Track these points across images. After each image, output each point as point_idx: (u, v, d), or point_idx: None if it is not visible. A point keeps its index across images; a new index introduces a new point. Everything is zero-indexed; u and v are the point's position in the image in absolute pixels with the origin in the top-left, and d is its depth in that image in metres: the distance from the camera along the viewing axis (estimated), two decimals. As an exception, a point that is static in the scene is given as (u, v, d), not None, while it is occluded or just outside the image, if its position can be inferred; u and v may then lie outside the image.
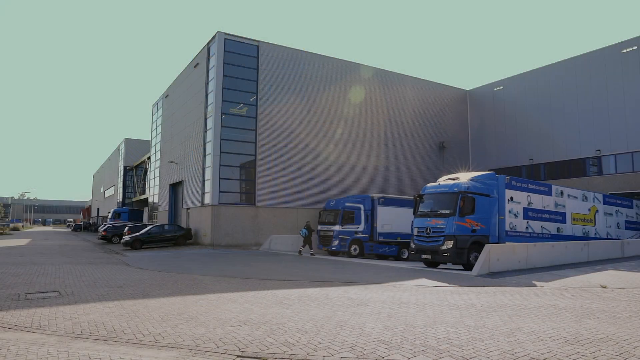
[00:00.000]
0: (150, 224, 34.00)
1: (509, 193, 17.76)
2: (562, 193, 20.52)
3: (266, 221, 30.38)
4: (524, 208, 18.40)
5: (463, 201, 16.42)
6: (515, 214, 17.96)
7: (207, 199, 30.29)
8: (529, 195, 18.77)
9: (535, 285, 11.66)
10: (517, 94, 38.17)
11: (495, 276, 13.51)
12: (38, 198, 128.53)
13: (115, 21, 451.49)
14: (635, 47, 30.48)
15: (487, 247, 14.66)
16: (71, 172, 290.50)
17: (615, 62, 31.57)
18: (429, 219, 17.32)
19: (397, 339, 6.24)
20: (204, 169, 31.43)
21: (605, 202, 23.47)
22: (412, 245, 17.85)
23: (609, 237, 22.91)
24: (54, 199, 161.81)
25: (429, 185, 18.83)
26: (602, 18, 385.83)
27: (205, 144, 31.60)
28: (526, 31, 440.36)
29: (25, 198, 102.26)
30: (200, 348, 5.89)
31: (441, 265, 17.50)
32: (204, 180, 31.29)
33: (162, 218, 41.34)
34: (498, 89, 39.99)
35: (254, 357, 5.51)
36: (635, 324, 7.23)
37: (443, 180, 18.51)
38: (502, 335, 6.45)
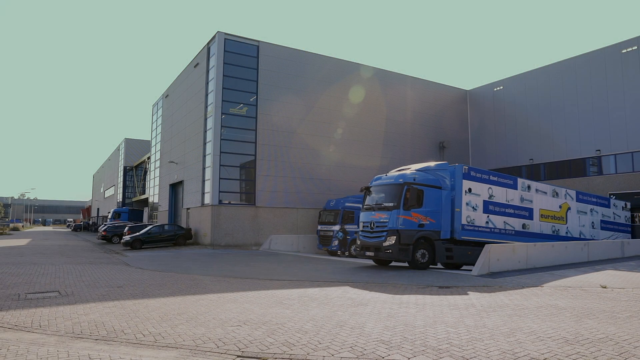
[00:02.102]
0: (150, 224, 34.00)
1: (466, 184, 16.39)
2: (529, 187, 19.13)
3: (266, 221, 30.38)
4: (484, 201, 17.03)
5: (408, 193, 15.18)
6: (473, 207, 16.58)
7: (207, 199, 30.29)
8: (490, 188, 17.34)
9: (535, 285, 11.65)
10: (517, 94, 38.17)
11: (495, 276, 13.50)
12: (38, 198, 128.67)
13: (115, 21, 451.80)
14: (635, 47, 30.47)
15: (487, 247, 14.59)
16: (71, 172, 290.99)
17: (615, 62, 31.56)
18: (373, 212, 16.04)
19: (397, 339, 6.23)
20: (204, 169, 31.43)
21: (578, 200, 21.87)
22: (358, 242, 16.63)
23: (582, 236, 21.51)
24: (54, 199, 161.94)
25: (377, 176, 17.49)
26: (602, 18, 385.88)
27: (205, 144, 31.59)
28: (526, 31, 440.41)
29: (25, 198, 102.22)
30: (200, 348, 5.89)
31: (439, 265, 17.09)
32: (204, 180, 31.29)
33: (162, 218, 41.34)
34: (498, 89, 39.99)
35: (254, 357, 5.52)
36: (635, 324, 7.23)
37: (394, 172, 17.14)
38: (502, 335, 6.45)
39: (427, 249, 15.49)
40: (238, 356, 5.57)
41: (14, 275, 13.58)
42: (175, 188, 39.60)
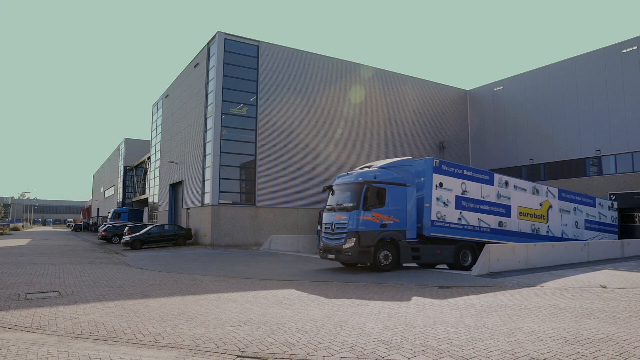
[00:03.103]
0: (150, 224, 34.00)
1: (437, 178, 15.70)
2: (506, 183, 18.27)
3: (266, 221, 30.38)
4: (456, 196, 16.26)
5: (368, 192, 14.28)
6: (444, 202, 15.82)
7: (207, 199, 30.29)
8: (463, 183, 16.59)
9: (535, 285, 11.66)
10: (517, 94, 38.19)
11: (495, 276, 13.50)
12: (38, 198, 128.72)
13: (115, 21, 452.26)
14: (635, 47, 30.48)
15: (487, 247, 14.57)
16: (71, 172, 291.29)
17: (615, 62, 31.57)
18: (334, 213, 15.26)
19: (397, 339, 6.24)
20: (204, 169, 31.43)
21: (561, 198, 20.91)
22: (320, 244, 15.95)
23: (564, 236, 20.69)
24: (54, 199, 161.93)
25: (340, 174, 16.61)
26: (602, 18, 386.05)
27: (205, 144, 31.60)
28: (526, 31, 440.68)
29: (25, 198, 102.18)
30: (200, 348, 5.89)
31: (440, 265, 16.96)
32: (204, 180, 31.29)
33: (162, 218, 41.34)
34: (498, 89, 40.00)
35: (254, 357, 5.52)
36: (635, 324, 7.23)
37: (357, 169, 16.22)
38: (502, 335, 6.45)
39: (391, 249, 14.68)
40: (238, 356, 5.57)
41: (14, 275, 13.58)
42: (175, 188, 39.61)
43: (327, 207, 16.02)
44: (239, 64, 31.00)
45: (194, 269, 15.80)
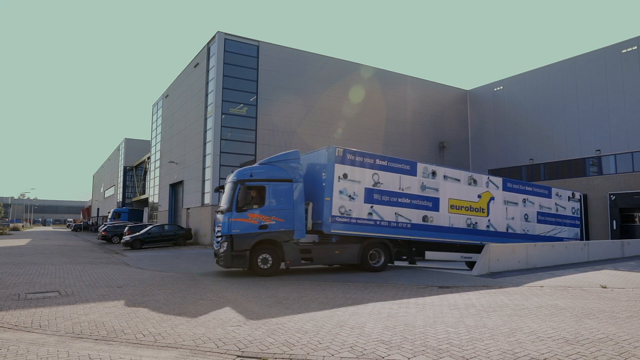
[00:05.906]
0: (150, 224, 33.99)
1: (340, 169, 14.10)
2: (433, 173, 16.30)
3: (266, 221, 30.37)
4: (366, 189, 14.60)
5: (240, 192, 13.34)
6: (350, 196, 14.20)
7: (207, 199, 30.30)
8: (376, 174, 14.87)
9: (535, 285, 11.66)
10: (517, 94, 38.20)
11: (495, 276, 13.51)
12: (38, 198, 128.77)
13: (115, 21, 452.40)
14: (635, 47, 30.49)
15: (487, 247, 14.57)
16: (71, 172, 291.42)
17: (615, 62, 31.58)
18: (218, 215, 14.42)
19: (397, 339, 6.24)
20: (204, 168, 31.44)
21: (506, 189, 18.62)
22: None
23: (509, 231, 18.43)
24: (54, 199, 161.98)
25: (231, 172, 15.49)
26: (602, 18, 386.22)
27: (205, 144, 31.60)
28: (526, 31, 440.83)
29: (25, 198, 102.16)
30: (200, 348, 5.89)
31: (443, 265, 16.98)
32: (204, 180, 31.29)
33: (162, 218, 41.34)
34: (498, 89, 40.00)
35: (254, 357, 5.52)
36: (635, 324, 7.23)
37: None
38: (502, 335, 6.45)
39: (272, 252, 13.59)
40: (238, 356, 5.58)
41: (14, 275, 13.57)
42: (175, 188, 39.61)
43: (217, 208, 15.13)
44: (239, 64, 31.02)
45: (194, 269, 15.79)
